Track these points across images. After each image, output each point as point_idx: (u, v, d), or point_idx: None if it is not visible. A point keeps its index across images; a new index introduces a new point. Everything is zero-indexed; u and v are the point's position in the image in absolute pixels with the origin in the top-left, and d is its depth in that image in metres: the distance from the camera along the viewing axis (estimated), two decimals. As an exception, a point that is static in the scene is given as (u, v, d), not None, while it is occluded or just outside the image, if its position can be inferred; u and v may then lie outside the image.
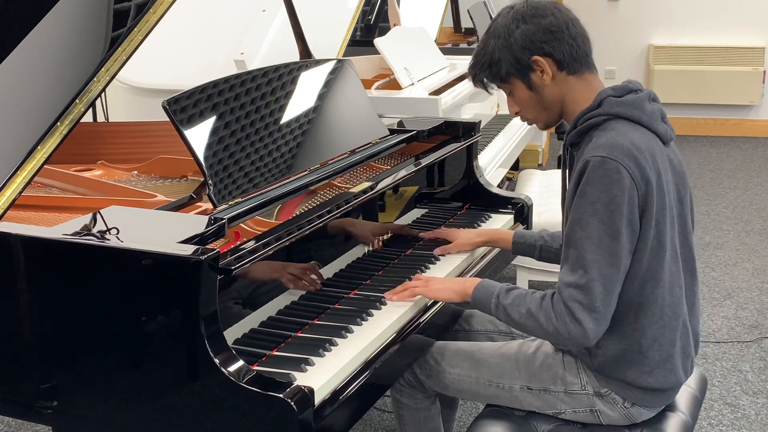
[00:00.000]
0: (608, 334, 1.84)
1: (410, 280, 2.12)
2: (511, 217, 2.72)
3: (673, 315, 1.85)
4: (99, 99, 2.37)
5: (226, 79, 2.10)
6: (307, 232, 1.92)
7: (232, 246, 1.74)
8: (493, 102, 4.61)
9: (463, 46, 5.53)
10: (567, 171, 2.00)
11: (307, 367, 1.70)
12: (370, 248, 2.26)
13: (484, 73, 1.93)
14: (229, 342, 1.61)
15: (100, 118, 3.04)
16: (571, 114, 1.91)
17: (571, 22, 1.85)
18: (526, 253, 2.29)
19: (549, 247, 2.26)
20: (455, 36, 6.48)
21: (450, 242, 2.37)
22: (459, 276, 2.29)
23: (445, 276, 2.22)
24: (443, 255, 2.34)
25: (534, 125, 2.06)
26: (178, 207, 2.01)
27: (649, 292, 1.81)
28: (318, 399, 1.61)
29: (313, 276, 2.01)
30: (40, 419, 1.82)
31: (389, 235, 2.37)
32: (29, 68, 1.90)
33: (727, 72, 7.33)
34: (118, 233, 1.65)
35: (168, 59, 3.13)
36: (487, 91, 2.01)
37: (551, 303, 1.79)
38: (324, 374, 1.68)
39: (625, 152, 1.73)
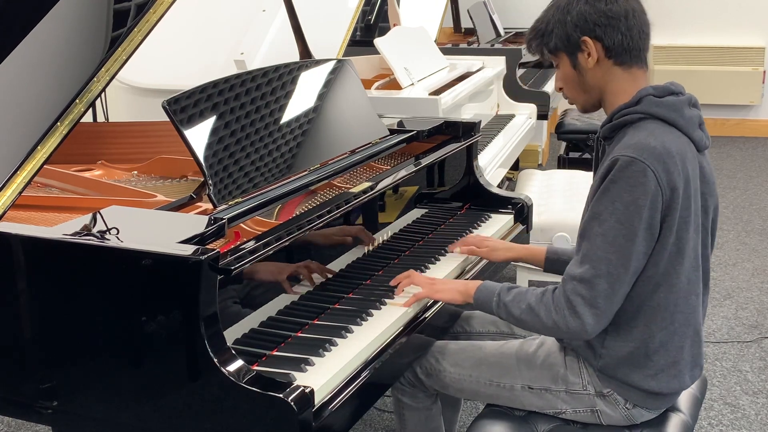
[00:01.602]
0: (616, 336, 1.84)
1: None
2: (511, 217, 2.72)
3: (684, 322, 1.84)
4: (99, 99, 2.37)
5: (226, 79, 2.10)
6: (307, 232, 1.92)
7: (232, 246, 1.74)
8: (493, 102, 4.61)
9: (463, 46, 5.53)
10: (597, 164, 1.97)
11: (307, 367, 1.70)
12: (370, 248, 2.26)
13: (536, 40, 1.92)
14: (229, 342, 1.61)
15: (100, 118, 3.05)
16: (610, 105, 1.89)
17: (632, 13, 1.83)
18: (560, 270, 2.13)
19: None
20: (455, 36, 6.48)
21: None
22: (459, 275, 2.29)
23: (445, 276, 2.22)
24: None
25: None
26: (178, 207, 2.01)
27: (662, 297, 1.80)
28: (318, 399, 1.61)
29: (319, 272, 2.02)
30: (40, 419, 1.82)
31: (389, 235, 2.37)
32: (29, 68, 1.90)
33: (727, 72, 7.33)
34: (118, 233, 1.65)
35: (168, 59, 3.13)
36: (542, 56, 1.98)
37: (552, 297, 1.80)
38: (324, 374, 1.68)
39: (655, 155, 1.72)
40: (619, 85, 1.85)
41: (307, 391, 1.55)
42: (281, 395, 1.51)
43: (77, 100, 1.79)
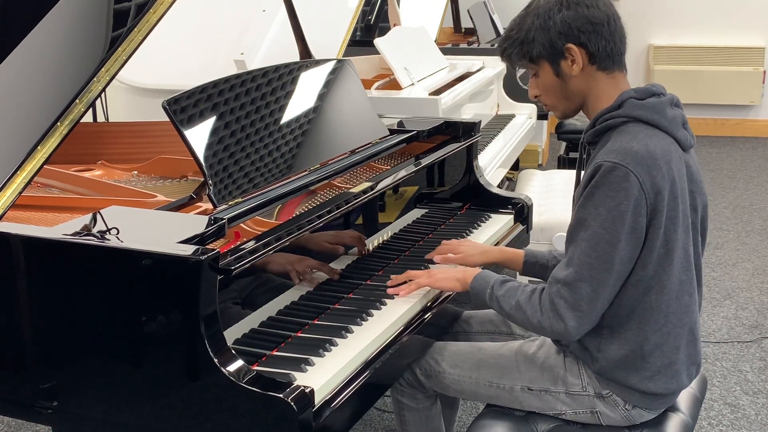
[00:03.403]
0: (610, 339, 1.84)
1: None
2: (511, 217, 2.72)
3: (678, 323, 1.84)
4: (99, 99, 2.37)
5: (226, 79, 2.10)
6: (307, 232, 1.92)
7: (232, 246, 1.74)
8: (493, 102, 4.61)
9: (463, 46, 5.53)
10: (582, 168, 1.97)
11: (307, 367, 1.70)
12: (370, 248, 2.26)
13: (514, 49, 1.87)
14: (229, 342, 1.61)
15: (100, 118, 3.04)
16: (592, 111, 1.87)
17: (613, 18, 1.82)
18: (537, 273, 2.19)
19: None
20: (455, 36, 6.48)
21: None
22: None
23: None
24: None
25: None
26: (178, 207, 2.01)
27: (654, 299, 1.80)
28: (318, 399, 1.61)
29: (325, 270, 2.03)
30: (40, 419, 1.82)
31: (389, 235, 2.37)
32: (30, 68, 1.90)
33: (727, 72, 7.33)
34: (118, 233, 1.65)
35: (168, 59, 3.13)
36: (513, 67, 1.95)
37: (539, 297, 1.81)
38: (324, 374, 1.68)
39: (638, 160, 1.72)
40: (601, 90, 1.85)
41: (307, 391, 1.55)
42: (281, 395, 1.51)
43: (77, 100, 1.78)
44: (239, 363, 1.57)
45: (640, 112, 1.79)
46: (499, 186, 3.63)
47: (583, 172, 1.90)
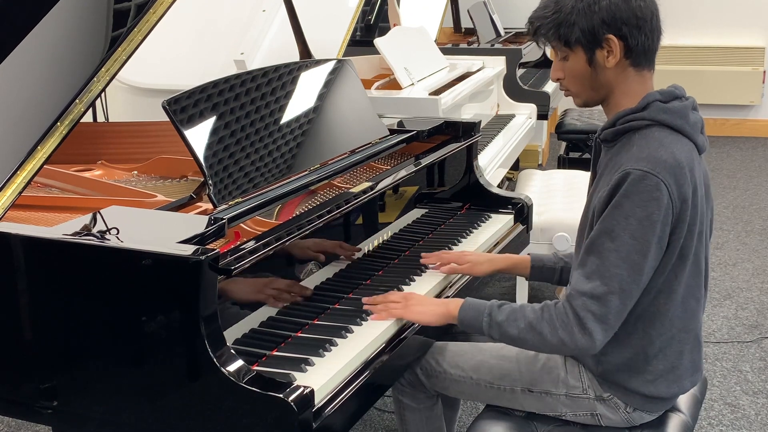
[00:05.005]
0: (615, 343, 1.82)
1: (399, 288, 2.10)
2: (511, 217, 2.72)
3: (683, 327, 1.83)
4: (99, 99, 2.36)
5: (226, 79, 2.10)
6: (307, 232, 1.92)
7: (232, 246, 1.74)
8: (493, 102, 4.61)
9: (463, 46, 5.53)
10: (596, 167, 1.92)
11: (307, 367, 1.70)
12: (370, 249, 2.26)
13: (549, 29, 1.78)
14: (229, 342, 1.61)
15: (100, 118, 3.04)
16: (614, 106, 1.82)
17: (656, 15, 1.77)
18: (546, 277, 2.14)
19: (570, 269, 2.11)
20: (455, 36, 6.48)
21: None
22: (461, 278, 2.28)
23: (444, 278, 2.21)
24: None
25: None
26: (178, 207, 2.01)
27: (661, 304, 1.79)
28: (318, 399, 1.61)
29: (296, 291, 1.96)
30: (40, 419, 1.82)
31: (389, 235, 2.37)
32: (30, 68, 1.90)
33: (727, 72, 7.33)
34: (118, 233, 1.65)
35: (168, 59, 3.13)
36: (538, 45, 1.86)
37: (554, 312, 1.76)
38: (324, 374, 1.68)
39: (668, 168, 1.68)
40: (628, 86, 1.80)
41: (307, 391, 1.55)
42: (281, 395, 1.51)
43: (77, 100, 1.79)
44: (239, 363, 1.57)
45: (665, 116, 1.75)
46: (499, 186, 3.62)
47: (597, 171, 1.87)
